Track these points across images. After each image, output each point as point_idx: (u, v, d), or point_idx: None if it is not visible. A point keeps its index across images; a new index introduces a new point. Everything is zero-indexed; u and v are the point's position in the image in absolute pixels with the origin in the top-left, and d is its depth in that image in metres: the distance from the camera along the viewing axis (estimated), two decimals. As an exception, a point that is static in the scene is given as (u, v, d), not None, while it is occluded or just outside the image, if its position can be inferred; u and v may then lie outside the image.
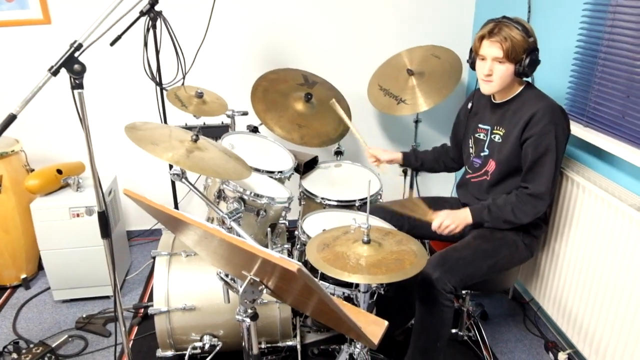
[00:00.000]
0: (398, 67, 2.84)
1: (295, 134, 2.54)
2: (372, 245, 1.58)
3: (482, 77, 1.91)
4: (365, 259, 1.53)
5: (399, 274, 1.45)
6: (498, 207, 1.90)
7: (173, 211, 1.26)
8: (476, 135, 2.10)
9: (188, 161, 1.63)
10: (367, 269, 1.46)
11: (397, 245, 1.63)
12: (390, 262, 1.51)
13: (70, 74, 1.53)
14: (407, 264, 1.50)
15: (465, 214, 1.94)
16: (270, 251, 1.06)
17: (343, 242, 1.63)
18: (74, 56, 1.51)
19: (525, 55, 1.82)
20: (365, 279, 1.43)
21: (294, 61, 3.07)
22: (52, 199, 2.55)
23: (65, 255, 2.57)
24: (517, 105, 1.93)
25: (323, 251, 1.58)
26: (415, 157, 2.35)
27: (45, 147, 3.07)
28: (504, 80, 1.88)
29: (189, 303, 2.01)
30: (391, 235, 1.72)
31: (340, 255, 1.54)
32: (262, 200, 1.98)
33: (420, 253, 1.58)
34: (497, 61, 1.85)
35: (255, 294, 1.27)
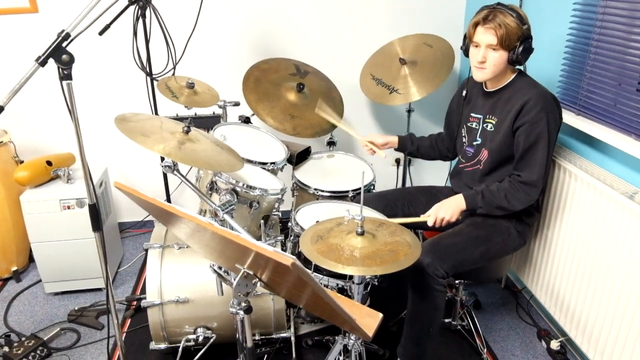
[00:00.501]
0: (390, 56, 2.81)
1: (288, 124, 2.51)
2: (366, 237, 1.57)
3: (476, 64, 1.89)
4: (359, 250, 1.51)
5: (393, 265, 1.44)
6: (491, 193, 1.90)
7: (165, 204, 1.24)
8: (468, 124, 2.09)
9: (180, 153, 1.61)
10: (362, 261, 1.45)
11: (391, 237, 1.62)
12: (384, 253, 1.50)
13: (59, 65, 1.49)
14: (401, 255, 1.49)
15: (458, 201, 1.93)
16: (264, 245, 1.05)
17: (337, 234, 1.62)
18: (61, 46, 1.48)
19: (519, 42, 1.81)
20: (360, 270, 1.42)
21: (286, 51, 3.04)
22: (42, 191, 2.52)
23: (56, 247, 2.54)
24: (509, 94, 1.92)
25: (317, 243, 1.56)
26: (411, 142, 2.33)
27: (35, 138, 3.02)
28: (497, 68, 1.87)
29: (182, 295, 2.00)
30: (385, 227, 1.70)
31: (334, 247, 1.53)
32: (254, 192, 1.96)
33: (414, 244, 1.57)
34: (491, 48, 1.84)
35: (249, 287, 1.26)
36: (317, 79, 2.80)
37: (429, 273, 1.79)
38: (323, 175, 2.49)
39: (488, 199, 1.90)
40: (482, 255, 1.92)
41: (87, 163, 1.64)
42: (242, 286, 1.26)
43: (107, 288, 1.80)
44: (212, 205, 1.70)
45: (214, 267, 1.66)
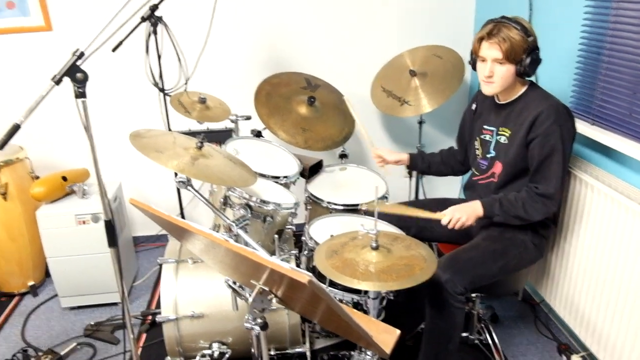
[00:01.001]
0: (400, 68, 2.81)
1: (300, 137, 2.51)
2: (381, 251, 1.55)
3: (483, 78, 1.88)
4: (374, 265, 1.50)
5: (409, 280, 1.42)
6: (509, 202, 1.87)
7: (179, 220, 1.23)
8: (482, 136, 2.07)
9: (193, 169, 1.61)
10: (377, 276, 1.43)
11: (406, 251, 1.60)
12: (399, 268, 1.48)
13: (73, 83, 1.50)
14: (417, 270, 1.48)
15: (476, 206, 1.90)
16: (279, 261, 1.04)
17: (351, 249, 1.60)
18: (76, 65, 1.49)
19: (525, 55, 1.79)
20: (376, 285, 1.40)
21: (297, 65, 3.04)
22: (58, 206, 2.53)
23: (71, 262, 2.55)
24: (521, 106, 1.90)
25: (332, 258, 1.55)
26: (422, 159, 2.32)
27: (50, 154, 3.05)
28: (505, 81, 1.86)
29: (197, 310, 1.99)
30: (399, 240, 1.69)
31: (349, 262, 1.52)
32: (268, 206, 1.95)
33: (429, 258, 1.55)
34: (498, 62, 1.82)
35: (265, 303, 1.25)
36: (328, 92, 2.80)
37: (448, 290, 1.76)
38: (336, 188, 2.48)
39: (506, 207, 1.87)
40: (500, 270, 1.89)
41: (102, 179, 1.64)
42: (257, 302, 1.25)
43: (123, 303, 1.79)
44: (226, 221, 1.69)
45: (229, 282, 1.65)
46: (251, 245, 1.66)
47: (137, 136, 1.72)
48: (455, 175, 2.36)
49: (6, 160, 2.59)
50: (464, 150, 2.26)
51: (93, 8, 2.80)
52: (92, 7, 2.80)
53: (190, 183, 1.69)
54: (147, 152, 1.56)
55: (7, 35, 2.80)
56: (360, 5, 3.01)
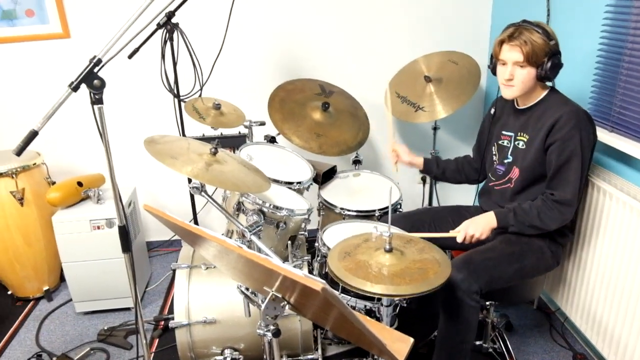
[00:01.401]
0: (415, 74, 2.80)
1: (314, 143, 2.51)
2: (394, 254, 1.55)
3: (503, 81, 1.88)
4: (387, 268, 1.49)
5: (423, 284, 1.41)
6: (524, 211, 1.86)
7: (192, 227, 1.24)
8: (500, 142, 2.06)
9: (207, 175, 1.62)
10: (390, 279, 1.42)
11: (420, 254, 1.60)
12: (413, 271, 1.47)
13: (90, 90, 1.53)
14: (431, 274, 1.47)
15: (489, 218, 1.90)
16: (292, 268, 1.04)
17: (364, 250, 1.60)
18: (93, 72, 1.51)
19: (546, 58, 1.78)
20: (389, 289, 1.39)
21: (311, 71, 3.05)
22: (73, 212, 2.56)
23: (86, 267, 2.57)
24: (541, 111, 1.89)
25: (344, 260, 1.55)
26: (437, 165, 2.31)
27: (66, 159, 3.10)
28: (525, 85, 1.85)
29: (210, 316, 1.99)
30: (413, 243, 1.68)
31: (362, 264, 1.51)
32: (281, 212, 1.95)
33: (443, 262, 1.54)
34: (518, 65, 1.82)
35: (277, 309, 1.25)
36: (343, 98, 2.81)
37: (463, 288, 1.74)
38: (349, 194, 2.47)
39: (520, 217, 1.86)
40: (515, 273, 1.87)
41: (117, 185, 1.66)
42: (270, 309, 1.24)
43: (136, 309, 1.80)
44: (239, 227, 1.70)
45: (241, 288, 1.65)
46: (264, 251, 1.66)
47: (152, 142, 1.74)
48: (470, 183, 2.35)
49: (23, 166, 2.63)
50: (480, 159, 2.24)
51: (110, 15, 2.85)
52: (110, 14, 2.85)
53: (204, 189, 1.71)
54: (162, 158, 1.58)
55: (26, 43, 2.86)
56: (374, 11, 3.02)
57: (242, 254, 1.12)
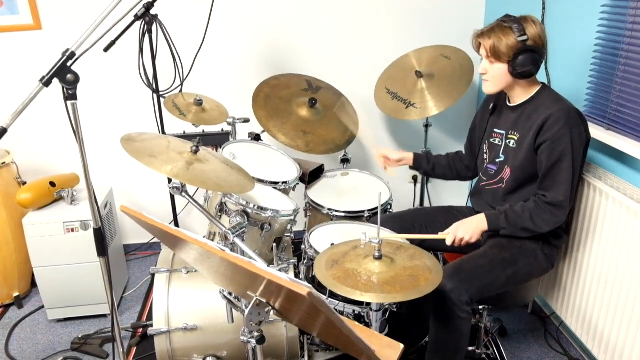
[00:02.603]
0: (406, 69, 2.82)
1: (300, 141, 2.52)
2: (384, 261, 1.56)
3: (481, 76, 1.94)
4: (377, 276, 1.50)
5: (413, 291, 1.42)
6: (515, 213, 1.88)
7: (172, 229, 1.24)
8: (491, 140, 2.08)
9: (188, 174, 1.61)
10: (380, 287, 1.43)
11: (411, 261, 1.61)
12: (404, 279, 1.48)
13: (63, 84, 1.52)
14: (422, 281, 1.48)
15: (479, 221, 1.92)
16: (277, 272, 1.04)
17: (353, 258, 1.61)
18: (66, 65, 1.50)
19: (514, 54, 1.81)
20: (379, 297, 1.40)
21: (297, 66, 3.06)
22: (46, 213, 2.54)
23: (59, 272, 2.55)
24: (531, 109, 1.91)
25: (332, 268, 1.55)
26: (427, 160, 2.32)
27: (37, 158, 3.06)
28: (498, 80, 1.90)
29: (191, 322, 1.99)
30: (403, 250, 1.69)
31: (351, 273, 1.52)
32: (266, 213, 1.95)
33: (435, 269, 1.55)
34: (489, 60, 1.89)
35: (262, 315, 1.25)
36: (330, 94, 2.81)
37: (453, 299, 1.76)
38: (337, 194, 2.48)
39: (512, 219, 1.88)
40: (508, 279, 1.89)
41: (92, 186, 1.65)
42: (254, 314, 1.25)
43: (113, 315, 1.80)
44: (222, 229, 1.70)
45: (224, 293, 1.65)
46: (248, 254, 1.66)
47: (129, 140, 1.73)
48: (461, 180, 2.37)
49: (-8, 165, 2.60)
50: (472, 155, 2.26)
51: (84, 6, 2.82)
52: (84, 5, 2.82)
53: (184, 189, 1.70)
54: (140, 157, 1.57)
55: (-6, 34, 2.82)
56: (363, 3, 3.03)
57: (224, 257, 1.12)
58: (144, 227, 1.40)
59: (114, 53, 2.23)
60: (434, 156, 2.35)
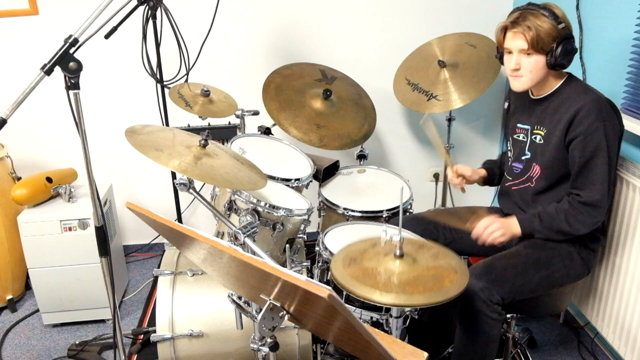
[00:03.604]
0: (428, 58, 2.82)
1: (314, 135, 2.53)
2: (406, 260, 1.56)
3: (510, 72, 1.90)
4: (397, 275, 1.51)
5: (437, 293, 1.43)
6: (550, 215, 1.88)
7: (182, 227, 1.26)
8: (515, 136, 2.08)
9: (196, 169, 1.63)
10: (402, 288, 1.44)
11: (434, 260, 1.61)
12: (427, 279, 1.49)
13: (65, 73, 1.55)
14: (447, 282, 1.48)
15: (512, 224, 1.92)
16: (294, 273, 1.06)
17: (372, 256, 1.62)
18: (69, 53, 1.53)
19: (555, 44, 1.80)
20: (400, 298, 1.41)
21: (310, 55, 3.07)
22: (42, 211, 2.57)
23: (56, 273, 2.59)
24: (558, 101, 1.91)
25: (350, 266, 1.57)
26: (497, 167, 2.29)
27: (33, 152, 3.10)
28: (535, 75, 1.87)
29: (196, 329, 2.01)
30: (426, 249, 1.69)
31: (370, 271, 1.53)
32: (278, 212, 1.97)
33: (460, 269, 1.56)
34: (524, 53, 1.84)
35: (276, 320, 1.26)
36: (346, 85, 2.83)
37: (483, 298, 1.77)
38: (353, 192, 2.50)
39: (546, 222, 1.88)
40: (542, 281, 1.89)
41: (94, 181, 1.68)
42: (267, 319, 1.26)
43: (114, 320, 1.83)
44: (232, 228, 1.72)
45: (233, 297, 1.67)
46: (260, 255, 1.68)
47: (133, 133, 1.75)
48: None
49: (-15, 159, 2.64)
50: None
51: (83, -11, 2.86)
52: (83, -12, 2.86)
53: (192, 185, 1.73)
54: (146, 151, 1.60)
55: (-12, 19, 2.86)
56: (382, -13, 3.04)
57: (237, 257, 1.13)
58: (150, 225, 1.42)
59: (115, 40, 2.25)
60: (494, 162, 2.32)
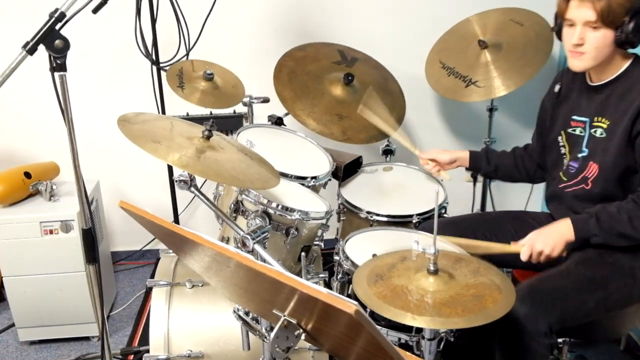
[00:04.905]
0: (466, 37, 2.82)
1: (335, 127, 2.53)
2: (441, 277, 1.57)
3: (571, 48, 1.90)
4: (432, 295, 1.51)
5: (479, 316, 1.42)
6: (610, 215, 1.86)
7: (185, 230, 1.26)
8: (569, 130, 2.07)
9: (199, 164, 1.64)
10: (437, 309, 1.44)
11: (474, 277, 1.61)
12: (466, 299, 1.49)
13: (50, 52, 1.56)
14: (490, 303, 1.48)
15: (563, 229, 1.90)
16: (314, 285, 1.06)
17: (401, 272, 1.62)
18: (54, 29, 1.54)
19: (628, 17, 1.79)
20: (436, 322, 1.41)
21: (328, 33, 3.07)
22: (19, 211, 2.59)
23: (34, 283, 2.61)
24: (624, 87, 1.90)
25: (376, 284, 1.57)
26: (487, 160, 2.33)
27: (9, 143, 3.13)
28: (600, 52, 1.86)
29: (196, 349, 2.02)
30: (464, 263, 1.70)
31: (399, 290, 1.53)
32: (292, 215, 1.98)
33: (505, 288, 1.56)
34: (590, 26, 1.83)
35: (290, 340, 1.26)
36: (369, 68, 2.83)
37: (528, 328, 1.76)
38: (378, 193, 2.50)
39: (605, 223, 1.86)
40: (597, 305, 1.88)
41: (82, 176, 1.69)
42: (281, 339, 1.26)
43: (103, 338, 1.84)
44: (239, 232, 1.72)
45: (239, 313, 1.68)
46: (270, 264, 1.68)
47: (126, 122, 1.76)
48: (532, 182, 2.36)
49: (-45, 150, 2.67)
50: (544, 149, 2.25)
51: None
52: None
53: (194, 183, 1.73)
54: (142, 143, 1.60)
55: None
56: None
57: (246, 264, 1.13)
58: (147, 228, 1.43)
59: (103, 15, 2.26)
60: (496, 153, 2.35)
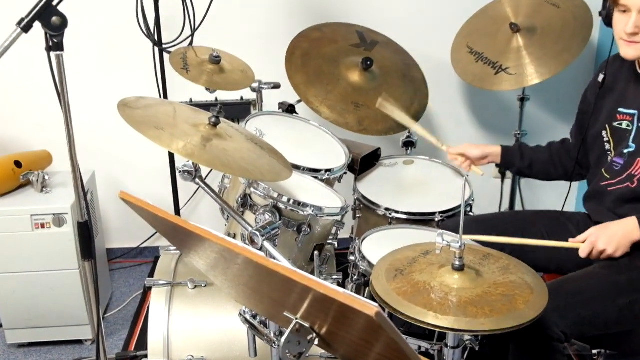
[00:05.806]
0: (497, 20, 2.81)
1: (351, 116, 2.54)
2: (467, 273, 1.56)
3: (625, 36, 1.88)
4: (457, 292, 1.51)
5: (509, 317, 1.41)
6: None
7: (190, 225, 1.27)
8: (615, 123, 2.07)
9: (205, 154, 1.65)
10: (463, 309, 1.43)
11: (503, 274, 1.60)
12: (495, 299, 1.48)
13: (47, 30, 1.58)
14: (521, 303, 1.48)
15: (629, 227, 1.89)
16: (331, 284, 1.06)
17: (424, 267, 1.61)
18: (51, 5, 1.56)
19: None
20: (461, 322, 1.40)
21: (346, 13, 3.07)
22: (8, 203, 2.61)
23: (23, 281, 2.63)
24: None
25: (395, 280, 1.57)
26: (521, 155, 2.32)
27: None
28: None
29: (198, 354, 2.03)
30: (492, 260, 1.68)
31: (421, 287, 1.53)
32: (305, 210, 1.98)
33: (537, 286, 1.54)
34: None
35: (303, 345, 1.26)
36: (390, 52, 2.83)
37: (539, 331, 1.75)
38: (398, 189, 2.50)
39: None
40: (621, 312, 1.86)
41: (78, 165, 1.71)
42: (292, 344, 1.25)
43: (98, 341, 1.85)
44: (247, 228, 1.74)
45: (246, 316, 1.69)
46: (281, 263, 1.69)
47: (126, 107, 1.77)
48: (570, 180, 2.35)
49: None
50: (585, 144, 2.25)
51: None
52: None
53: (199, 174, 1.74)
54: (144, 129, 1.62)
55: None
56: None
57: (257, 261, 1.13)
58: (148, 221, 1.44)
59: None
60: (530, 148, 2.34)
